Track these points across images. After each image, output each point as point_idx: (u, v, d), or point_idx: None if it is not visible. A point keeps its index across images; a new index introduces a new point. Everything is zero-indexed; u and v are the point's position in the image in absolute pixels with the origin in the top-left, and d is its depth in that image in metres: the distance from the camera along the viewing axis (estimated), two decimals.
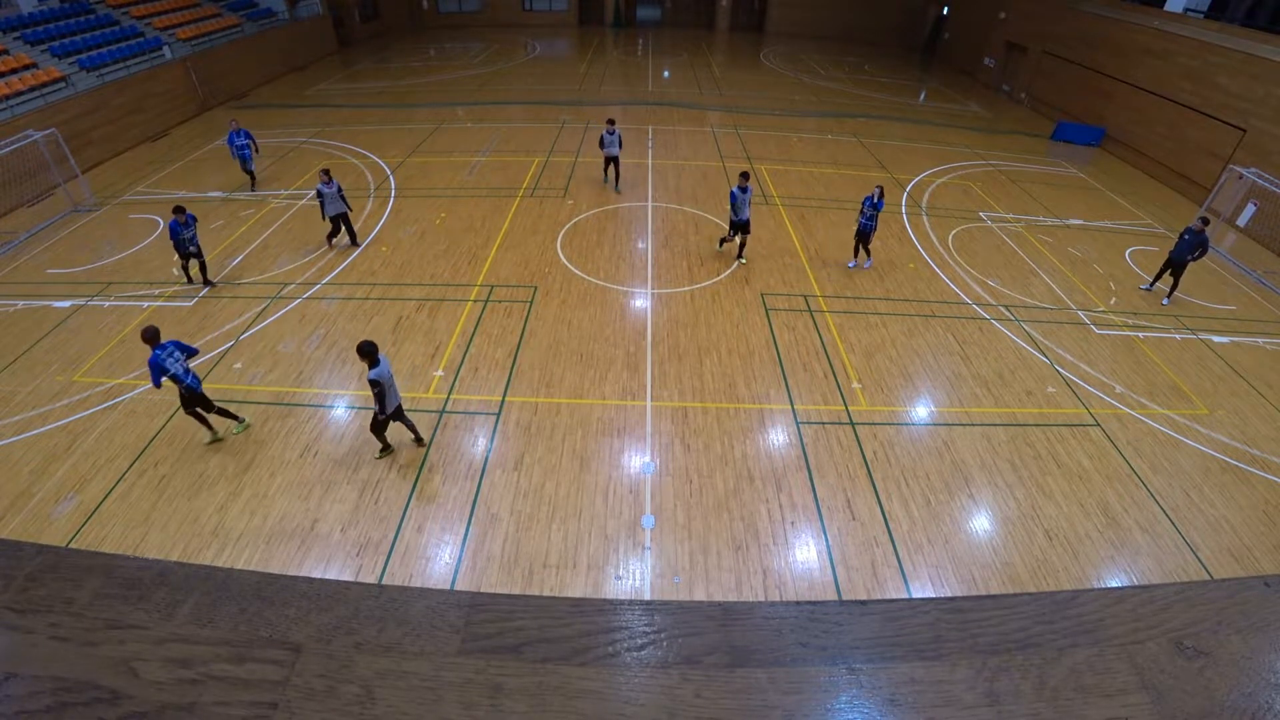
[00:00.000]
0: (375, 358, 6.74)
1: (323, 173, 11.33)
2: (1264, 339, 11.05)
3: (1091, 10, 21.91)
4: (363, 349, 6.69)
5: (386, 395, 6.92)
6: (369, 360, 6.72)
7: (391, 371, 7.02)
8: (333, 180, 11.34)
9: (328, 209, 11.45)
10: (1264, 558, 7.04)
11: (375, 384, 6.75)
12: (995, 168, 18.18)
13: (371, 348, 6.71)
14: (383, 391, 6.84)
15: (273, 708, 0.72)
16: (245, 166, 14.35)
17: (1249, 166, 14.62)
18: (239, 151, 14.07)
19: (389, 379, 6.88)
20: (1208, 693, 0.77)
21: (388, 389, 6.92)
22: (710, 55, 31.40)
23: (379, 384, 6.76)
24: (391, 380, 6.97)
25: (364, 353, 6.69)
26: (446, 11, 36.42)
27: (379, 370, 6.74)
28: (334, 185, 11.35)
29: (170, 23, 20.96)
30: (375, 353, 6.74)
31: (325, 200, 11.32)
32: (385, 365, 6.83)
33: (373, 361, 6.73)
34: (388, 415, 7.12)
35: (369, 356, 6.70)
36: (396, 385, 7.20)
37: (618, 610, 0.85)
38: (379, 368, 6.75)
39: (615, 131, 14.17)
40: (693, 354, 9.62)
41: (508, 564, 6.53)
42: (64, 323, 9.98)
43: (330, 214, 11.54)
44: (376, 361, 6.75)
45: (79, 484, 7.26)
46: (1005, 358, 9.97)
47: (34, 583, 0.84)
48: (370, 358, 6.71)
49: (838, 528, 7.07)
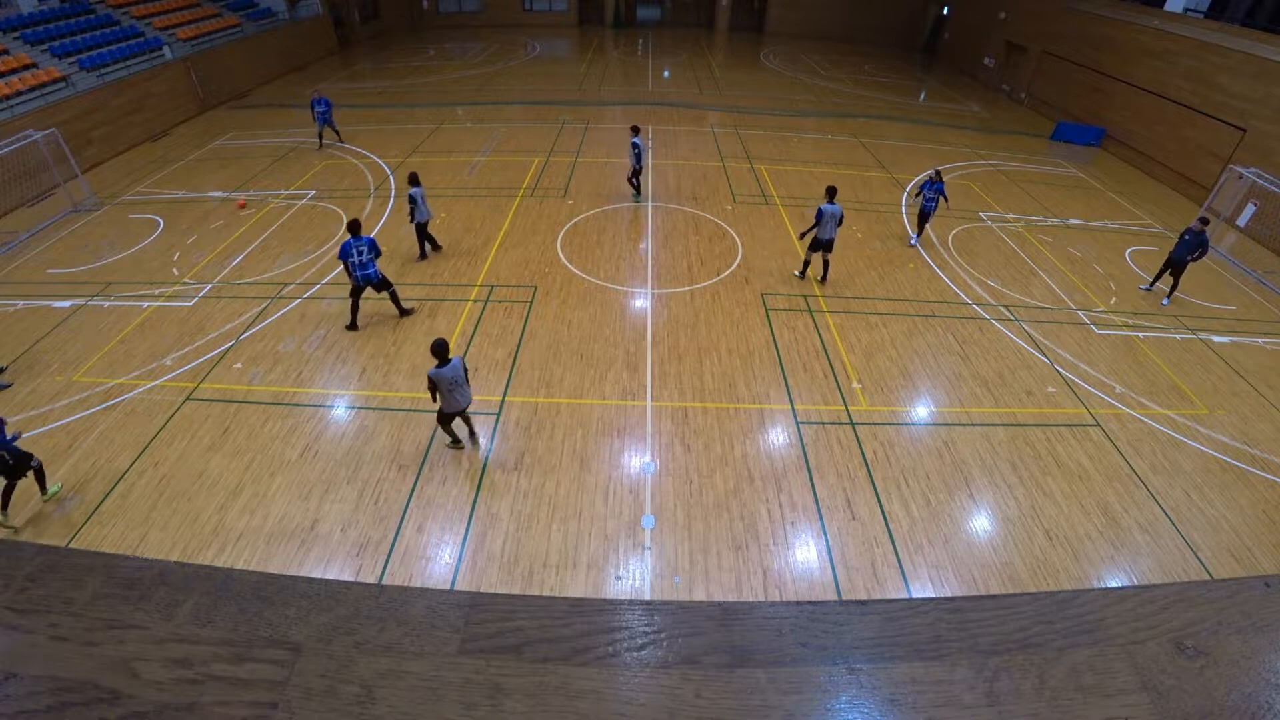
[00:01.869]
0: (444, 358, 6.86)
1: (410, 176, 11.20)
2: (1264, 339, 11.05)
3: (1091, 10, 21.91)
4: (435, 347, 6.85)
5: (446, 395, 7.02)
6: (438, 359, 6.85)
7: (463, 374, 7.09)
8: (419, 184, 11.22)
9: (418, 215, 11.21)
10: (1264, 558, 7.05)
11: (431, 382, 6.89)
12: (995, 168, 18.18)
13: (443, 347, 6.85)
14: (437, 389, 6.94)
15: (273, 708, 0.72)
16: (325, 128, 16.86)
17: (1249, 166, 14.62)
18: (320, 118, 16.61)
19: (451, 380, 6.95)
20: (1208, 693, 0.77)
21: (450, 389, 7.00)
22: (710, 55, 31.40)
23: (433, 382, 6.88)
24: (458, 382, 7.04)
25: (434, 351, 6.85)
26: (446, 11, 36.42)
27: (440, 370, 6.85)
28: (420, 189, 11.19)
29: (170, 23, 20.96)
30: (445, 352, 6.86)
31: (417, 205, 11.06)
32: (451, 366, 6.93)
33: (441, 361, 6.85)
34: (448, 414, 7.27)
35: (438, 355, 6.84)
36: (468, 388, 7.29)
37: (618, 610, 0.85)
38: (443, 367, 6.86)
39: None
40: (693, 354, 9.62)
41: (508, 564, 6.53)
42: (64, 323, 9.98)
43: (418, 220, 11.30)
44: (446, 361, 6.87)
45: (79, 484, 7.26)
46: (1005, 358, 9.97)
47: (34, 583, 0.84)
48: (439, 356, 6.84)
49: (838, 528, 7.07)
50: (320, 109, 16.59)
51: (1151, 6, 20.27)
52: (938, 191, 12.48)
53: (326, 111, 16.65)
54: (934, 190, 12.50)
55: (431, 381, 6.88)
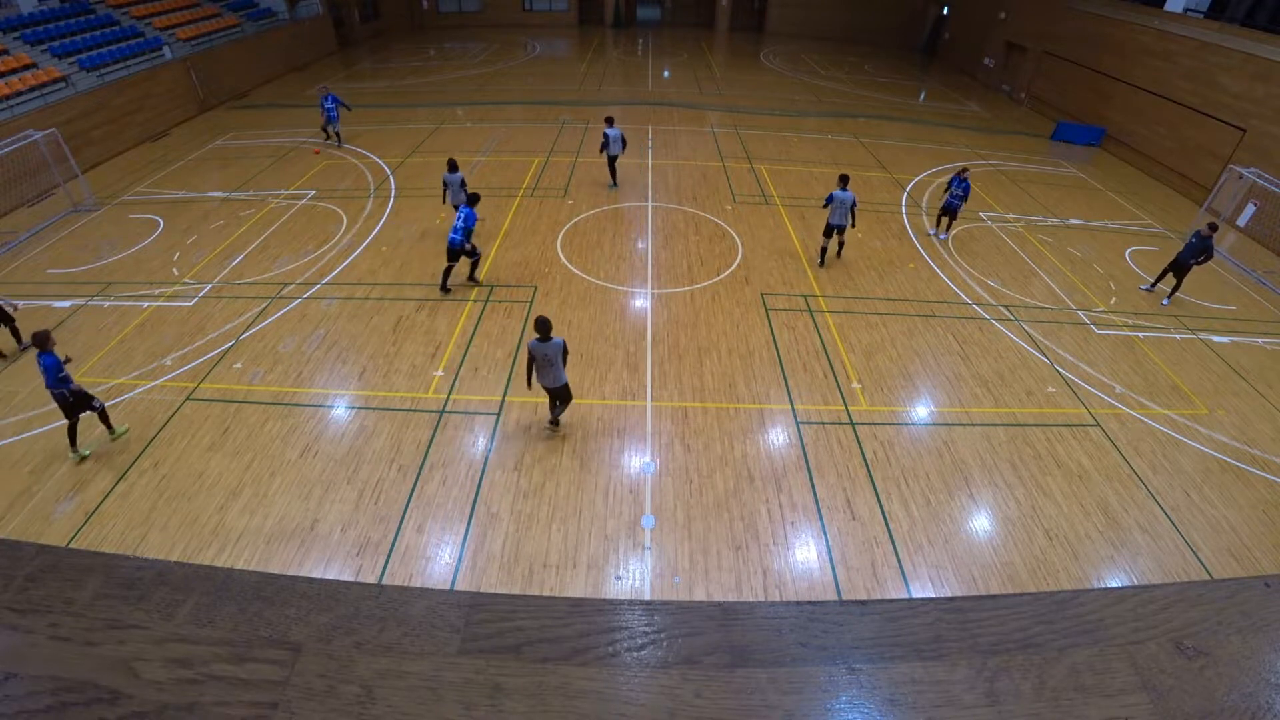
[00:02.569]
0: (544, 334, 7.24)
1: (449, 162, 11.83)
2: (1264, 339, 11.05)
3: (1091, 10, 21.91)
4: (538, 322, 7.26)
5: (537, 369, 7.44)
6: (539, 333, 7.25)
7: (559, 356, 7.40)
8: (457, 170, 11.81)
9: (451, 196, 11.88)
10: (1264, 558, 7.05)
11: (530, 353, 7.36)
12: (995, 168, 18.18)
13: (545, 324, 7.24)
14: (531, 361, 7.39)
15: (273, 708, 0.72)
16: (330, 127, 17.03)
17: (1249, 166, 14.62)
18: (327, 114, 16.70)
19: (542, 356, 7.35)
20: (1208, 693, 0.77)
21: (542, 365, 7.41)
22: (710, 55, 31.40)
23: (531, 354, 7.35)
24: (549, 360, 7.38)
25: (537, 325, 7.27)
26: (446, 11, 36.42)
27: (537, 343, 7.29)
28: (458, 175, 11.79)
29: (170, 23, 20.96)
30: (546, 329, 7.23)
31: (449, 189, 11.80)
32: (551, 344, 7.30)
33: (542, 337, 7.25)
34: (532, 383, 7.60)
35: (539, 330, 7.25)
36: (558, 371, 7.51)
37: (618, 610, 0.85)
38: (544, 343, 7.27)
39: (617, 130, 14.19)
40: (693, 354, 9.62)
41: (508, 564, 6.53)
42: (64, 323, 9.98)
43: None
44: (545, 339, 7.26)
45: (79, 484, 7.26)
46: (1005, 358, 9.97)
47: (34, 583, 0.84)
48: (540, 331, 7.24)
49: (838, 528, 7.07)
50: (328, 105, 16.72)
51: (1152, 6, 20.27)
52: (965, 189, 12.73)
53: (334, 109, 16.78)
54: (961, 188, 12.73)
55: (530, 353, 7.36)
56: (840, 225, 11.51)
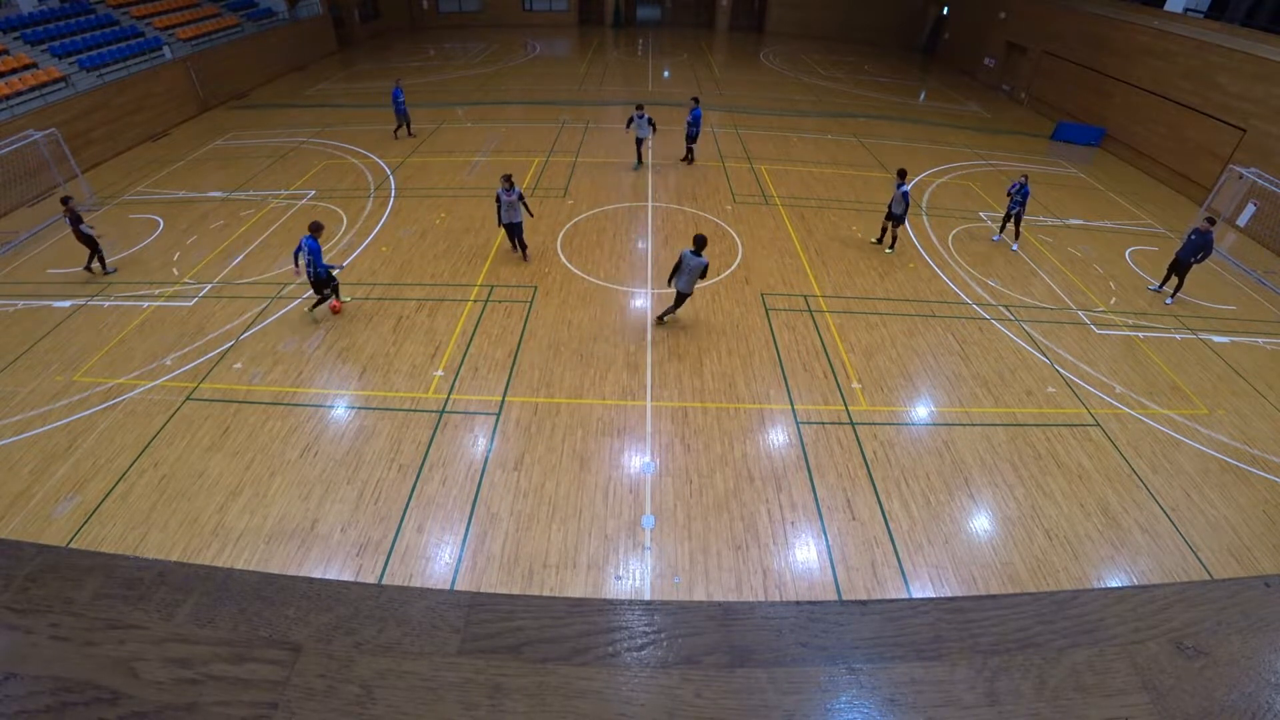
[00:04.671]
0: (699, 250, 9.20)
1: (504, 178, 10.86)
2: (1264, 339, 11.05)
3: (1091, 10, 21.91)
4: (698, 238, 9.20)
5: (679, 274, 9.37)
6: (696, 247, 9.20)
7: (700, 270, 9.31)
8: (514, 187, 10.89)
9: (503, 216, 11.16)
10: (1264, 558, 7.05)
11: (681, 259, 9.28)
12: (995, 168, 18.18)
13: (703, 241, 9.24)
14: (679, 266, 9.32)
15: (273, 708, 0.72)
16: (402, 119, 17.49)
17: (1249, 166, 14.62)
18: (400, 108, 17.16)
19: (690, 266, 9.25)
20: (1208, 693, 0.77)
21: (686, 272, 9.33)
22: (710, 55, 31.40)
23: (681, 260, 9.27)
24: (694, 270, 9.27)
25: (696, 240, 9.20)
26: (446, 11, 36.42)
27: (690, 254, 9.20)
28: (514, 192, 10.89)
29: (170, 23, 20.96)
30: (702, 247, 9.23)
31: (502, 206, 11.01)
32: (698, 260, 9.19)
33: (696, 250, 9.20)
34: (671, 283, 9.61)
35: (697, 245, 9.20)
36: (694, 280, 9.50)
37: (618, 610, 0.85)
38: (695, 256, 9.19)
39: (644, 116, 15.20)
40: (693, 354, 9.62)
41: (508, 564, 6.53)
42: (64, 323, 9.98)
43: (504, 221, 11.25)
44: (698, 253, 9.21)
45: (79, 484, 7.26)
46: (1005, 358, 9.97)
47: (34, 583, 0.84)
48: (697, 246, 9.19)
49: (838, 528, 7.07)
50: (401, 98, 17.12)
51: (1151, 6, 20.28)
52: (1025, 195, 12.77)
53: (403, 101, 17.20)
54: (1022, 194, 12.75)
55: (680, 259, 9.26)
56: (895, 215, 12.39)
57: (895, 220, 12.48)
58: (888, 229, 12.85)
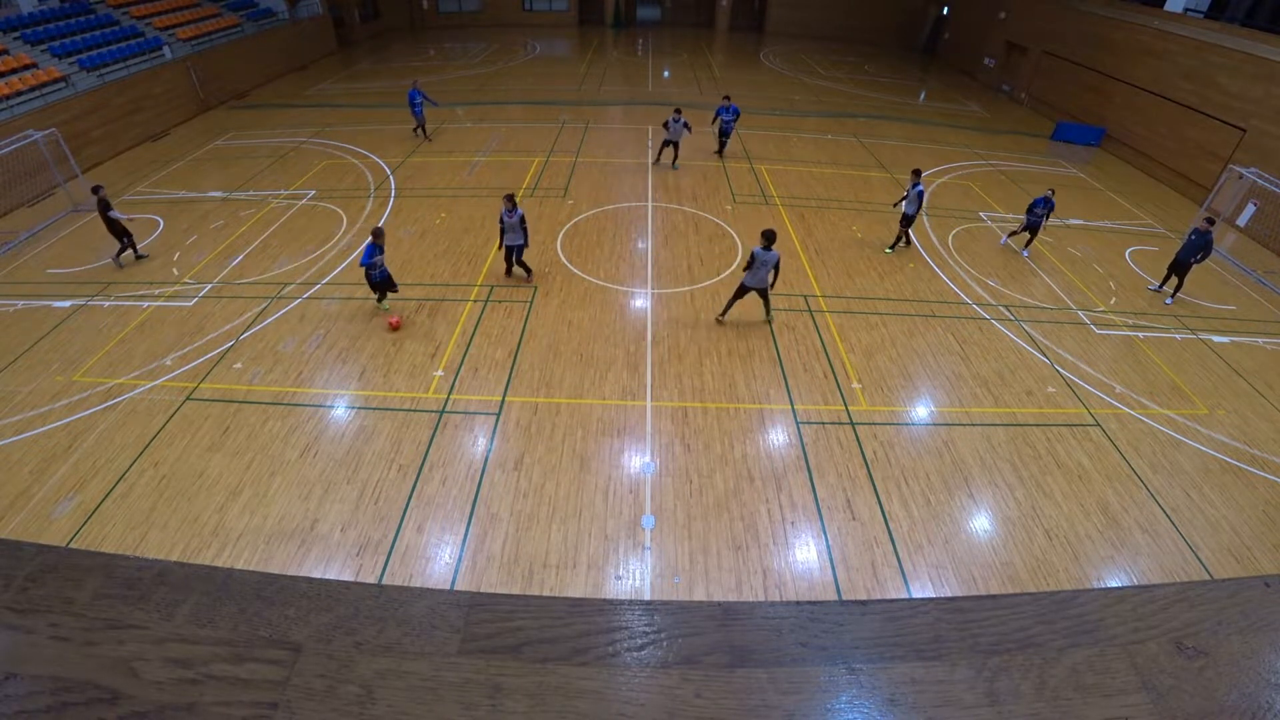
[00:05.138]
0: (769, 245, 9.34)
1: (506, 199, 10.24)
2: (1264, 339, 11.05)
3: (1091, 10, 21.91)
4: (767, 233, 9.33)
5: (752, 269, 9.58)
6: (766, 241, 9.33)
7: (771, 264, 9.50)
8: (516, 208, 10.29)
9: (505, 239, 10.62)
10: (1264, 558, 7.05)
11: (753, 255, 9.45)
12: (995, 168, 18.18)
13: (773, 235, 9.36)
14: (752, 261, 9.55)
15: (273, 708, 0.72)
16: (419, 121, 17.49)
17: (1249, 166, 14.62)
18: (416, 109, 17.10)
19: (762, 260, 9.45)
20: (1208, 693, 0.77)
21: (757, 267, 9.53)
22: (710, 55, 31.40)
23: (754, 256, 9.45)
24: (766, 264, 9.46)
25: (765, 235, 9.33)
26: (446, 11, 36.40)
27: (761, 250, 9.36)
28: (516, 214, 10.31)
29: (170, 23, 20.95)
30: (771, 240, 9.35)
31: (505, 230, 10.45)
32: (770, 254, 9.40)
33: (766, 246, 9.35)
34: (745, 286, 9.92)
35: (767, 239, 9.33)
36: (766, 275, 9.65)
37: (618, 610, 0.85)
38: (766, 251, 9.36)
39: (681, 119, 15.32)
40: (693, 354, 9.62)
41: (508, 564, 6.53)
42: (64, 323, 9.98)
43: (506, 244, 10.69)
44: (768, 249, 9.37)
45: (79, 484, 7.26)
46: (1005, 358, 9.97)
47: (34, 583, 0.84)
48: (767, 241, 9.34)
49: (838, 528, 7.07)
50: (418, 100, 17.04)
51: (1151, 6, 20.27)
52: (1050, 209, 12.68)
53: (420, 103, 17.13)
54: (1045, 207, 12.63)
55: (753, 255, 9.38)
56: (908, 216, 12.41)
57: (906, 220, 12.42)
58: (902, 236, 12.70)
